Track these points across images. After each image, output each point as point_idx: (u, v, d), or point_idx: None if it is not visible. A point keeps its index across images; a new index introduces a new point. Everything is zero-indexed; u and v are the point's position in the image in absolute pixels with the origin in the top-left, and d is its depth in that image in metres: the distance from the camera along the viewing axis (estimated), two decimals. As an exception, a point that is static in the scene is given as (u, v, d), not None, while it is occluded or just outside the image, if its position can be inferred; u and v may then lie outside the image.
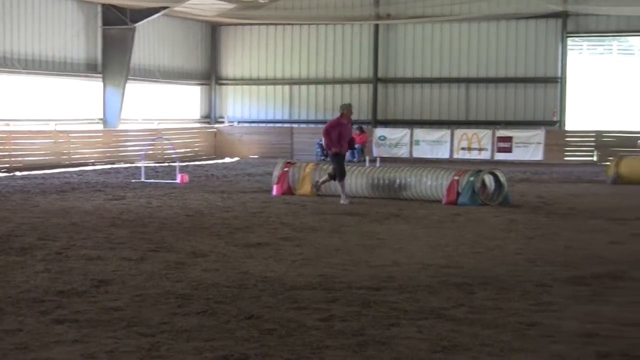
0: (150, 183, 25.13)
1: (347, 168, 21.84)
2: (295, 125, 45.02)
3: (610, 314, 8.20)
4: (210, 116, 46.36)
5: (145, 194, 21.46)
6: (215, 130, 44.71)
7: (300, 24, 45.11)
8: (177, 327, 7.67)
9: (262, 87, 46.26)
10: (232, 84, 46.55)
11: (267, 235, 14.22)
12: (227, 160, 40.58)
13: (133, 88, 38.67)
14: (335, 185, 21.17)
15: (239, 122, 46.02)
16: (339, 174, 20.35)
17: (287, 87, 46.00)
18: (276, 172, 22.58)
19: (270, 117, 46.13)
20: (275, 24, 45.33)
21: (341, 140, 20.49)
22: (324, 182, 20.97)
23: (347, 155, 40.08)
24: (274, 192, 22.04)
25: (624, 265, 11.19)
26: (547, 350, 6.88)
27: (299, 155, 41.45)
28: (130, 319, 7.95)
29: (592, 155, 40.35)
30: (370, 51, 44.59)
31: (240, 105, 46.53)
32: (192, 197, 20.82)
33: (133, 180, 25.95)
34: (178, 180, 25.52)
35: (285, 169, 22.47)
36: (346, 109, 20.86)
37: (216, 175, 29.04)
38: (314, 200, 20.46)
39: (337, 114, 21.42)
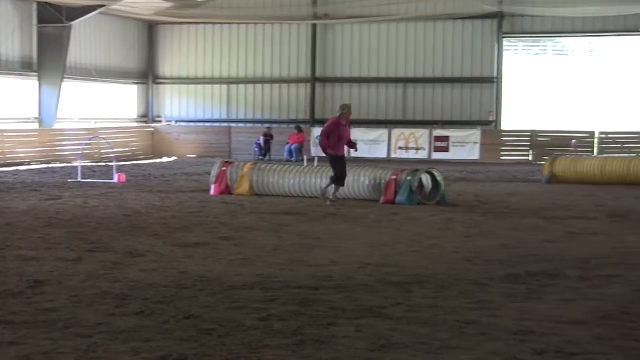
0: (87, 183, 24.92)
1: (285, 168, 21.88)
2: (233, 125, 44.90)
3: (546, 312, 8.30)
4: (147, 115, 46.10)
5: (82, 194, 21.27)
6: (152, 129, 44.45)
7: (238, 24, 45.01)
8: (115, 328, 7.61)
9: (200, 87, 46.09)
10: (169, 83, 46.32)
11: (205, 235, 14.18)
12: (165, 159, 40.39)
13: (69, 87, 38.30)
14: (274, 184, 21.18)
15: (176, 121, 45.80)
16: (340, 177, 19.84)
17: (225, 87, 45.88)
18: (214, 172, 22.50)
19: (208, 116, 45.97)
20: (213, 23, 45.19)
21: (340, 142, 19.91)
22: (327, 187, 20.21)
23: (284, 155, 40.32)
24: (212, 191, 21.97)
25: (559, 263, 11.33)
26: (484, 348, 6.95)
27: (237, 154, 41.39)
28: (67, 320, 7.88)
29: (527, 155, 40.80)
30: (308, 51, 44.63)
31: (178, 105, 46.32)
32: (130, 197, 20.68)
33: (69, 180, 25.71)
34: (115, 180, 25.34)
35: (224, 169, 22.41)
36: (347, 109, 20.13)
37: (154, 175, 28.89)
38: (252, 200, 20.44)
39: (337, 114, 20.41)
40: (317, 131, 42.68)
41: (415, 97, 43.52)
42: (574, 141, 38.47)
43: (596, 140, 39.88)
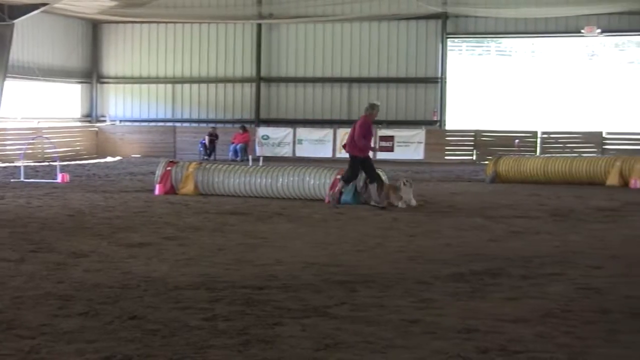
0: (30, 183, 24.67)
1: (230, 168, 21.86)
2: (178, 125, 44.72)
3: (489, 310, 8.37)
4: (91, 115, 45.71)
5: (25, 194, 21.07)
6: (96, 129, 44.12)
7: (183, 23, 44.82)
8: (59, 329, 7.56)
9: (145, 86, 45.82)
10: (113, 83, 45.99)
11: (150, 234, 14.11)
12: (109, 159, 40.11)
13: (12, 86, 37.85)
14: (219, 184, 21.18)
15: (121, 121, 45.49)
16: (374, 177, 19.24)
17: (169, 86, 45.67)
18: (159, 172, 22.39)
19: (152, 116, 45.72)
20: (158, 22, 44.95)
21: (370, 142, 19.47)
22: (369, 191, 19.43)
23: (229, 155, 40.23)
24: (157, 191, 21.87)
25: (502, 262, 11.42)
26: (429, 347, 6.99)
27: (182, 154, 41.21)
28: (9, 322, 7.81)
29: (471, 155, 41.09)
30: (253, 50, 44.57)
31: (122, 104, 46.01)
32: (74, 197, 20.51)
33: (12, 180, 25.44)
34: (59, 180, 25.12)
35: (168, 168, 22.31)
36: (376, 109, 19.46)
37: (98, 175, 28.68)
38: (197, 200, 20.37)
39: (363, 114, 19.68)
40: (262, 131, 42.71)
41: (360, 97, 43.60)
42: (517, 141, 38.82)
43: (539, 140, 40.29)
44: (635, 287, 9.58)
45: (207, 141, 41.16)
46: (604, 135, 40.67)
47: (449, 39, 43.02)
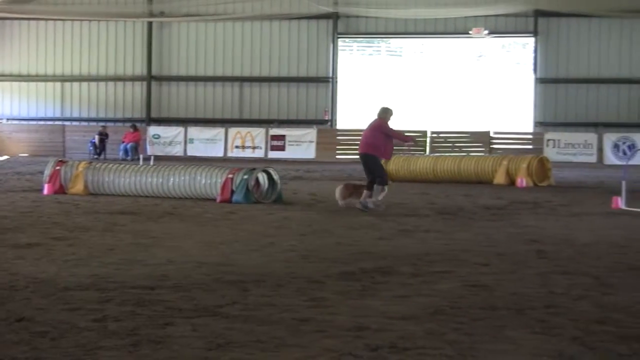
0: None
1: (120, 167, 21.66)
2: (67, 123, 44.12)
3: (380, 308, 8.44)
4: (-23, 113, 44.84)
5: None
6: (-18, 128, 43.27)
7: (72, 20, 44.22)
8: (-57, 332, 7.39)
9: (33, 84, 45.10)
10: (0, 80, 45.12)
11: (38, 235, 13.88)
12: (-5, 158, 39.32)
13: None
14: (110, 184, 20.97)
15: (7, 119, 44.65)
16: (385, 179, 19.02)
17: (58, 84, 45.03)
18: (48, 171, 22.06)
19: (41, 114, 45.03)
20: (46, 19, 44.25)
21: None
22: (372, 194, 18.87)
23: (120, 154, 39.82)
24: (45, 191, 21.54)
25: (392, 260, 11.53)
26: (320, 345, 7.03)
27: (71, 153, 40.66)
28: None
29: (362, 154, 41.34)
30: (143, 49, 44.25)
31: (9, 102, 45.18)
32: (-42, 197, 20.08)
33: None
34: (-58, 180, 24.58)
35: (57, 168, 22.00)
36: (389, 114, 19.31)
37: (-17, 174, 28.12)
38: (87, 200, 20.12)
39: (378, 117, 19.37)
40: (153, 130, 42.40)
41: (251, 96, 43.64)
42: (406, 140, 39.19)
43: (428, 140, 40.83)
44: (521, 283, 9.78)
45: (97, 140, 40.69)
46: (491, 134, 41.44)
47: (339, 39, 43.34)
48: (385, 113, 19.29)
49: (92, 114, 44.69)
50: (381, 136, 18.98)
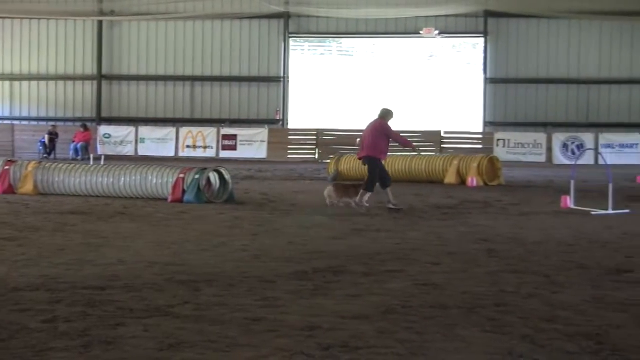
0: None
1: (70, 167, 21.53)
2: (16, 123, 43.72)
3: (332, 307, 8.47)
4: None
5: None
6: None
7: (22, 18, 43.82)
8: None
9: (-19, 83, 44.65)
10: (-53, 79, 44.67)
11: (-14, 236, 13.76)
12: (-57, 158, 38.83)
13: None
14: (60, 184, 20.84)
15: (-45, 118, 44.21)
16: (388, 180, 19.25)
17: (7, 83, 44.61)
18: (-4, 171, 21.86)
19: (-11, 113, 44.58)
20: (-6, 18, 43.86)
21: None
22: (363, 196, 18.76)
23: (70, 153, 39.53)
24: (-6, 191, 21.36)
25: (344, 259, 11.57)
26: (272, 345, 7.04)
27: (20, 153, 40.26)
28: None
29: (313, 153, 41.46)
30: (94, 48, 43.98)
31: (-44, 101, 44.70)
32: None
33: None
34: None
35: (6, 168, 21.81)
36: (390, 116, 19.49)
37: None
38: (37, 200, 19.96)
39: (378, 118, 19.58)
40: (103, 129, 42.14)
41: (203, 96, 43.54)
42: (358, 140, 39.31)
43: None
44: (472, 282, 9.86)
45: (47, 140, 40.37)
46: (442, 134, 41.66)
47: (291, 39, 43.38)
48: (387, 114, 19.48)
49: (42, 114, 44.33)
50: (382, 137, 19.20)
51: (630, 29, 42.77)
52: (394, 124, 19.51)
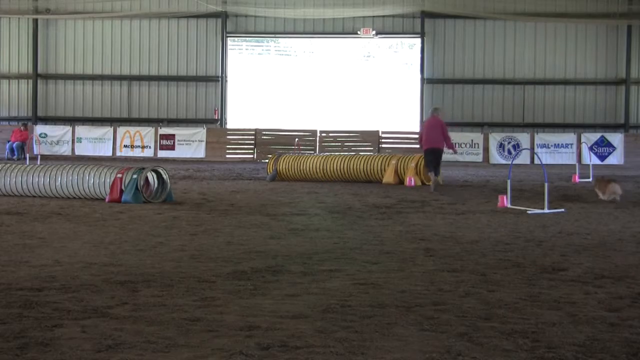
0: None
1: (6, 167, 21.33)
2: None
3: (270, 307, 8.48)
4: None
5: None
6: None
7: (-47, 16, 43.26)
8: None
9: None
10: None
11: None
12: None
13: None
14: (1, 185, 20.67)
15: None
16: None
17: (-61, 82, 43.98)
18: None
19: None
20: None
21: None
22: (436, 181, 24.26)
23: (6, 153, 39.09)
24: None
25: (282, 259, 11.59)
26: (211, 345, 7.03)
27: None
28: None
29: (252, 153, 41.42)
30: (29, 46, 43.51)
31: None
32: None
33: None
34: None
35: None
36: (440, 111, 25.46)
37: None
38: (-29, 200, 19.72)
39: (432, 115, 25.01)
40: (40, 129, 41.72)
41: (140, 95, 43.31)
42: (297, 139, 39.41)
43: (318, 139, 41.05)
44: (409, 281, 9.92)
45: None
46: (380, 134, 41.85)
47: (229, 38, 43.31)
48: (437, 111, 24.86)
49: (-26, 113, 43.84)
50: (442, 132, 24.29)
51: (565, 30, 43.32)
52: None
